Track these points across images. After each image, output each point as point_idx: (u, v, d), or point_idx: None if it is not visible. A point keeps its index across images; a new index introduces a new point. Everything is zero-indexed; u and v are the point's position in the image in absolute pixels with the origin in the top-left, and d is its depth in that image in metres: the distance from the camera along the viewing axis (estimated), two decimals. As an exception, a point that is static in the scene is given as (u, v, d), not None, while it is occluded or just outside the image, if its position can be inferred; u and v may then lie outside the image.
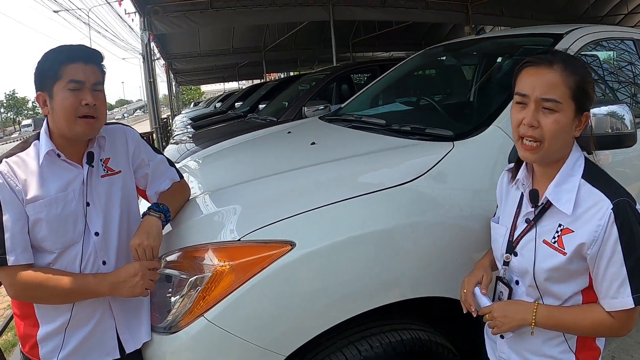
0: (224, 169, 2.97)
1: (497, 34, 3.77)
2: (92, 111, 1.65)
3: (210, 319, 1.67)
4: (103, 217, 1.74)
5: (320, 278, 1.76)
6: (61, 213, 1.64)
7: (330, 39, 11.83)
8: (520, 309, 1.49)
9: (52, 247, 1.64)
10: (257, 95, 10.43)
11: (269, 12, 11.00)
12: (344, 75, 7.46)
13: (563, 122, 1.37)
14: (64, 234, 1.65)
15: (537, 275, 1.46)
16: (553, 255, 1.43)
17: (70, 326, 1.70)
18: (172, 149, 6.16)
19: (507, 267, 1.59)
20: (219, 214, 2.01)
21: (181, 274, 1.78)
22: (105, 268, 1.73)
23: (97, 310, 1.74)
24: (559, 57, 1.42)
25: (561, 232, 1.42)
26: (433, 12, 12.60)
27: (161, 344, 1.78)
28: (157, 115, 11.32)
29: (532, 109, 1.39)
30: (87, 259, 1.70)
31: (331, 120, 3.44)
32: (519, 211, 1.56)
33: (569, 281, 1.45)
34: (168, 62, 19.03)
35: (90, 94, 1.63)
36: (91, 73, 1.66)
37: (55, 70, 1.60)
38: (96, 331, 1.74)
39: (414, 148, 2.30)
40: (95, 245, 1.72)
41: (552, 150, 1.40)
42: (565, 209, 1.40)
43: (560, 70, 1.38)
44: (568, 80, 1.37)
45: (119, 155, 1.85)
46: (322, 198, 1.88)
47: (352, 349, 1.84)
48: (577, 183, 1.41)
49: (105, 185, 1.78)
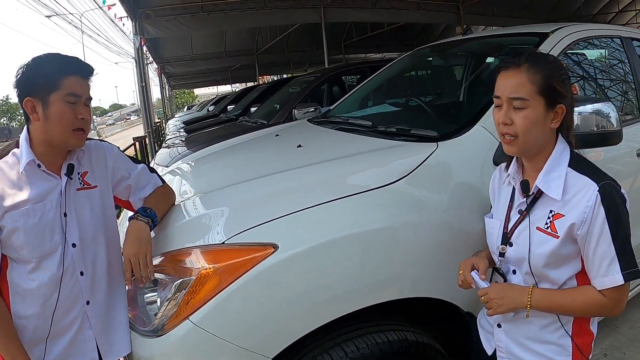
0: (212, 173, 2.98)
1: (483, 34, 3.78)
2: (84, 124, 1.69)
3: (196, 321, 1.67)
4: (80, 229, 1.75)
5: (303, 280, 1.76)
6: (38, 223, 1.65)
7: (322, 41, 11.85)
8: (515, 292, 1.56)
9: (30, 255, 1.65)
10: (249, 98, 10.42)
11: (260, 15, 11.01)
12: (334, 77, 7.47)
13: (533, 117, 1.48)
14: (41, 244, 1.66)
15: (532, 261, 1.54)
16: (547, 240, 1.51)
17: (50, 336, 1.71)
18: (164, 152, 6.15)
19: (502, 258, 1.65)
20: (204, 217, 2.02)
21: (167, 277, 1.79)
22: (82, 279, 1.75)
23: (75, 320, 1.76)
24: (526, 57, 1.53)
25: (553, 217, 1.51)
26: (424, 13, 12.63)
27: (147, 347, 1.78)
28: (150, 119, 11.30)
29: (504, 109, 1.52)
30: (66, 268, 1.70)
31: (319, 122, 3.45)
32: (512, 204, 1.64)
33: (563, 266, 1.53)
34: (161, 66, 19.01)
35: (84, 109, 1.68)
36: (86, 87, 1.70)
37: (54, 80, 1.61)
38: (76, 341, 1.76)
39: (399, 149, 2.31)
40: (73, 256, 1.73)
41: (529, 142, 1.51)
42: (555, 195, 1.49)
43: (525, 70, 1.49)
44: (534, 78, 1.48)
45: (96, 170, 1.86)
46: (305, 200, 1.89)
47: (338, 350, 1.84)
48: (564, 171, 1.50)
49: (82, 197, 1.79)
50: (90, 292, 1.78)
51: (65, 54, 1.71)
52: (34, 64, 1.63)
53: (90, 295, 1.78)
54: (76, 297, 1.75)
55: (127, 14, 10.23)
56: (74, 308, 1.74)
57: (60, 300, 1.70)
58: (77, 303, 1.75)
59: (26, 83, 1.63)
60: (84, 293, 1.76)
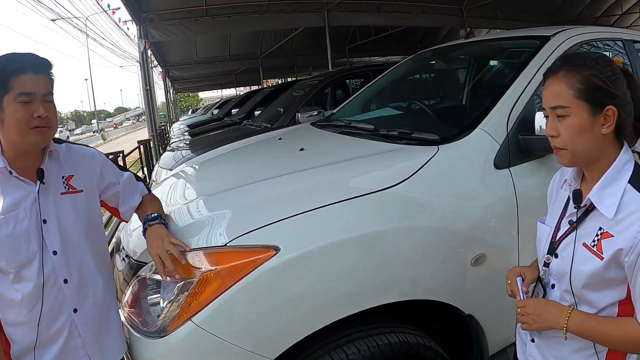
0: (215, 175, 3.01)
1: (485, 37, 3.81)
2: (45, 122, 1.58)
3: (198, 322, 1.70)
4: (61, 235, 1.69)
5: (304, 282, 1.79)
6: (12, 233, 1.59)
7: (326, 45, 11.87)
8: (554, 311, 1.44)
9: (7, 266, 1.60)
10: (253, 101, 10.46)
11: (264, 19, 11.04)
12: (337, 80, 7.49)
13: (577, 125, 1.35)
14: (17, 253, 1.60)
15: (573, 279, 1.41)
16: (590, 259, 1.37)
17: (38, 344, 1.67)
18: (168, 156, 6.19)
19: (547, 268, 1.54)
20: (207, 220, 2.03)
21: (170, 279, 1.80)
22: (67, 287, 1.69)
23: (63, 329, 1.70)
24: (562, 60, 1.42)
25: (601, 235, 1.36)
26: (428, 17, 12.64)
27: (150, 348, 1.80)
28: (155, 122, 11.35)
29: (550, 120, 1.42)
30: (47, 277, 1.64)
31: (322, 126, 3.48)
32: (564, 212, 1.51)
33: (605, 290, 1.38)
34: (165, 70, 19.08)
35: (42, 106, 1.57)
36: (41, 83, 1.58)
37: (5, 82, 1.52)
38: (66, 349, 1.72)
39: (400, 152, 2.32)
40: (54, 263, 1.67)
41: (579, 152, 1.37)
42: (607, 212, 1.34)
43: (562, 75, 1.38)
44: (570, 82, 1.36)
45: (82, 175, 1.80)
46: (307, 203, 1.91)
47: (339, 352, 1.86)
48: (623, 187, 1.34)
49: (66, 202, 1.73)
50: (77, 299, 1.72)
51: (18, 52, 1.61)
52: None
53: (78, 303, 1.72)
54: (61, 306, 1.69)
55: (132, 18, 10.30)
56: (59, 316, 1.69)
57: (44, 309, 1.64)
58: (62, 311, 1.69)
59: None
60: (70, 301, 1.70)
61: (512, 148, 2.21)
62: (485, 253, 2.07)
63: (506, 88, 2.38)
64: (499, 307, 2.16)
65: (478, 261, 2.06)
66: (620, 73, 1.38)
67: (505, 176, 2.17)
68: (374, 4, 11.79)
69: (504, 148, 2.20)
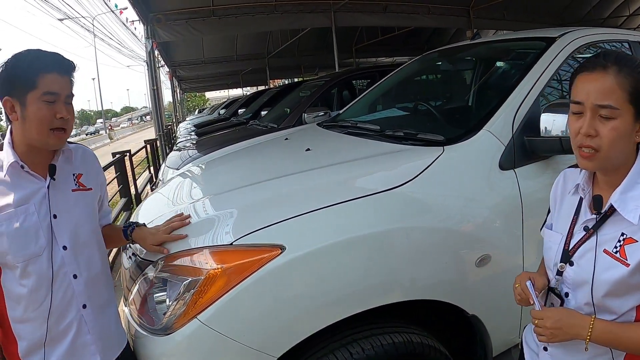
0: (222, 175, 3.02)
1: (490, 39, 3.81)
2: (64, 124, 1.61)
3: (203, 320, 1.71)
4: (71, 231, 1.70)
5: (309, 281, 1.80)
6: (21, 227, 1.58)
7: (333, 45, 11.87)
8: (575, 322, 1.37)
9: (14, 260, 1.59)
10: (260, 102, 10.50)
11: (271, 19, 11.05)
12: (344, 81, 7.50)
13: (622, 129, 1.28)
14: (25, 248, 1.59)
15: (595, 288, 1.36)
16: (615, 266, 1.32)
17: (48, 341, 1.66)
18: (175, 155, 6.21)
19: (560, 277, 1.47)
20: (213, 219, 2.05)
21: (176, 278, 1.83)
22: (76, 282, 1.70)
23: (72, 325, 1.70)
24: (612, 58, 1.31)
25: (624, 241, 1.31)
26: (435, 17, 12.61)
27: (155, 345, 1.82)
28: (161, 122, 11.38)
29: (588, 118, 1.30)
30: (56, 272, 1.64)
31: (328, 126, 3.50)
32: (577, 218, 1.45)
33: (627, 296, 1.34)
34: (172, 70, 19.14)
35: (64, 108, 1.59)
36: (65, 85, 1.60)
37: (31, 79, 1.53)
38: (76, 346, 1.71)
39: (405, 153, 2.33)
40: (64, 258, 1.67)
41: (611, 157, 1.31)
42: (632, 217, 1.30)
43: (614, 73, 1.28)
44: (624, 83, 1.27)
45: (91, 175, 1.83)
46: (312, 203, 1.92)
47: (343, 351, 1.87)
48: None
49: (77, 199, 1.75)
50: (86, 295, 1.72)
51: (44, 49, 1.60)
52: (12, 61, 1.55)
53: (87, 298, 1.72)
54: (70, 301, 1.68)
55: (139, 18, 10.32)
56: (69, 312, 1.69)
57: (53, 304, 1.64)
58: (71, 307, 1.69)
59: (4, 82, 1.56)
60: (79, 297, 1.70)
61: (518, 149, 2.22)
62: (489, 254, 2.08)
63: (512, 89, 2.39)
64: (503, 308, 2.16)
65: (482, 262, 2.06)
66: None
67: (510, 177, 2.17)
68: (380, 4, 11.77)
69: (509, 149, 2.20)
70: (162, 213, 2.33)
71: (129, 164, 8.37)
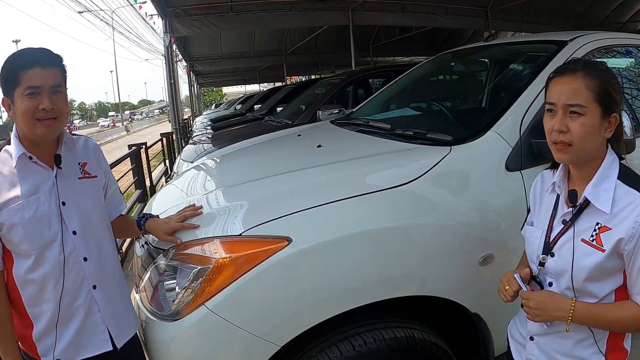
0: (234, 169, 3.09)
1: (503, 41, 3.82)
2: (50, 114, 1.66)
3: (211, 307, 1.77)
4: (80, 216, 1.79)
5: (314, 273, 1.85)
6: (34, 215, 1.67)
7: (350, 43, 11.89)
8: (557, 303, 1.51)
9: (29, 248, 1.68)
10: (276, 98, 10.57)
11: (289, 16, 11.08)
12: (359, 79, 7.54)
13: (590, 125, 1.44)
14: (40, 236, 1.68)
15: (575, 274, 1.49)
16: (592, 253, 1.46)
17: (60, 322, 1.74)
18: (190, 149, 6.30)
19: (542, 268, 1.60)
20: (224, 210, 2.12)
21: (186, 266, 1.89)
22: (87, 264, 1.78)
23: (83, 305, 1.78)
24: (581, 64, 1.50)
25: (599, 230, 1.46)
26: (452, 18, 12.53)
27: (164, 330, 1.89)
28: (178, 116, 11.47)
29: (560, 116, 1.48)
30: (68, 256, 1.73)
31: (341, 124, 3.54)
32: (555, 213, 1.60)
33: (605, 279, 1.48)
34: (190, 64, 19.26)
35: (47, 98, 1.64)
36: (50, 76, 1.65)
37: (14, 77, 1.62)
38: (86, 325, 1.79)
39: (413, 152, 2.37)
40: (75, 243, 1.76)
41: (583, 150, 1.46)
42: (604, 207, 1.45)
43: (582, 76, 1.46)
44: (591, 84, 1.44)
45: (94, 164, 1.92)
46: (321, 197, 1.97)
47: (346, 344, 1.92)
48: (614, 183, 1.46)
49: (83, 186, 1.84)
50: (96, 276, 1.81)
51: (32, 47, 1.70)
52: (3, 64, 1.65)
53: (97, 280, 1.81)
54: (81, 283, 1.77)
55: (157, 12, 10.40)
56: (80, 293, 1.77)
57: (65, 286, 1.73)
58: (83, 288, 1.78)
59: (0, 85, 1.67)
60: (90, 278, 1.79)
61: (525, 151, 2.23)
62: (493, 253, 2.10)
63: (521, 92, 2.40)
64: (506, 307, 2.14)
65: (486, 261, 2.09)
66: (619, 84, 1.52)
67: (516, 179, 2.19)
68: (398, 3, 11.73)
69: (516, 151, 2.21)
70: (176, 204, 2.40)
71: (144, 157, 8.48)
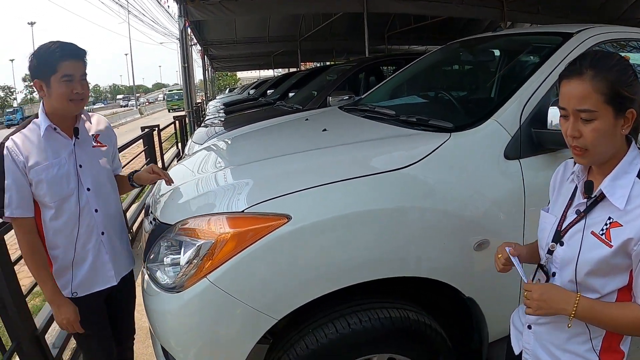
0: (242, 150, 3.19)
1: (510, 32, 3.84)
2: (80, 96, 2.11)
3: (212, 280, 1.86)
4: (93, 176, 2.24)
5: (312, 250, 1.92)
6: (56, 174, 2.11)
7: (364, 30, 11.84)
8: (562, 297, 1.45)
9: (51, 200, 2.11)
10: (288, 83, 10.60)
11: (304, 3, 11.03)
12: (371, 66, 7.56)
13: (602, 128, 1.38)
14: (60, 190, 2.12)
15: (579, 266, 1.45)
16: (599, 247, 1.42)
17: (75, 262, 2.20)
18: (202, 131, 6.38)
19: (550, 255, 1.58)
20: (230, 188, 2.21)
21: (191, 240, 1.97)
22: (97, 215, 2.24)
23: (94, 248, 2.24)
24: (588, 62, 1.41)
25: (610, 225, 1.41)
26: (468, 8, 12.40)
27: (168, 301, 1.98)
28: (191, 99, 11.54)
29: (571, 121, 1.42)
30: (83, 207, 2.18)
31: (348, 109, 3.61)
32: (571, 202, 1.55)
33: (609, 276, 1.44)
34: (204, 48, 19.27)
35: (79, 84, 2.09)
36: (79, 67, 2.10)
37: (52, 66, 2.03)
38: (97, 264, 2.26)
39: (414, 137, 2.42)
40: (88, 197, 2.21)
41: (599, 153, 1.42)
42: (619, 203, 1.39)
43: (589, 78, 1.38)
44: (599, 86, 1.36)
45: (104, 135, 2.39)
46: (321, 178, 2.05)
47: (342, 321, 2.01)
48: (632, 180, 1.40)
49: (96, 153, 2.30)
50: (104, 225, 2.27)
51: (62, 41, 2.10)
52: (38, 53, 2.06)
53: (104, 227, 2.27)
54: (92, 229, 2.22)
55: (172, -4, 10.41)
56: (91, 238, 2.22)
57: (80, 232, 2.18)
58: (93, 234, 2.23)
59: (34, 68, 2.06)
60: (99, 226, 2.25)
61: (524, 140, 2.26)
62: (488, 239, 2.15)
63: (523, 82, 2.43)
64: (500, 294, 2.24)
65: (481, 246, 2.14)
66: (635, 75, 1.41)
67: (514, 166, 2.23)
68: (413, -9, 11.68)
69: (516, 140, 2.25)
70: (184, 181, 2.51)
71: (157, 139, 8.58)
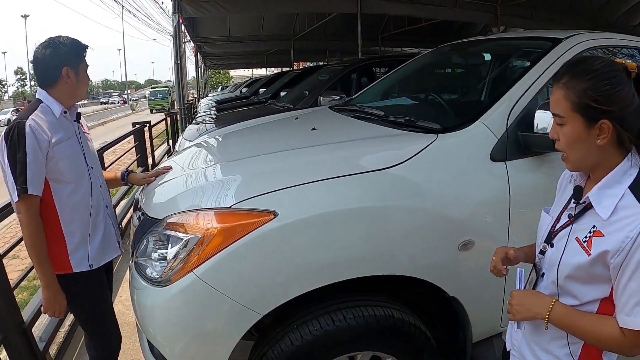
0: (231, 147, 3.20)
1: (500, 36, 3.88)
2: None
3: (198, 274, 1.87)
4: (91, 157, 2.45)
5: (297, 247, 1.95)
6: (73, 152, 2.31)
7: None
8: (537, 301, 1.48)
9: (71, 176, 2.28)
10: (280, 82, 10.62)
11: (298, 2, 11.07)
12: (363, 67, 7.59)
13: (571, 134, 1.39)
14: (78, 166, 2.33)
15: (560, 269, 1.47)
16: (579, 253, 1.41)
17: (91, 233, 2.38)
18: (193, 128, 6.38)
19: (542, 256, 1.59)
20: (218, 184, 2.23)
21: (178, 235, 1.99)
22: (102, 190, 2.48)
23: (103, 220, 2.45)
24: (566, 69, 1.43)
25: (593, 233, 1.39)
26: (462, 11, 12.45)
27: (155, 295, 1.99)
28: (183, 96, 11.52)
29: (553, 124, 1.46)
30: (93, 183, 2.39)
31: (338, 109, 3.63)
32: (567, 205, 1.55)
33: (589, 285, 1.43)
34: (197, 45, 19.23)
35: None
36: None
37: (82, 56, 2.33)
38: (106, 235, 2.46)
39: (401, 137, 2.45)
40: (92, 174, 2.41)
41: (577, 159, 1.43)
42: (603, 212, 1.38)
43: (562, 85, 1.40)
44: (568, 94, 1.38)
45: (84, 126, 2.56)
46: (308, 176, 2.07)
47: (327, 318, 2.04)
48: (622, 191, 1.37)
49: (86, 137, 2.50)
50: (105, 199, 2.50)
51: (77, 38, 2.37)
52: (70, 45, 2.29)
53: (107, 201, 2.51)
54: (100, 203, 2.43)
55: (167, -8, 10.39)
56: (100, 210, 2.43)
57: (92, 206, 2.37)
58: (102, 206, 2.44)
59: (64, 57, 2.26)
60: (105, 200, 2.49)
61: (511, 143, 2.29)
62: (472, 240, 2.18)
63: (511, 85, 2.46)
64: (485, 295, 2.28)
65: (465, 247, 2.16)
66: (624, 84, 1.36)
67: (500, 168, 2.25)
68: (407, -6, 11.72)
69: (502, 142, 2.28)
70: (174, 177, 2.54)
71: (148, 135, 8.56)
